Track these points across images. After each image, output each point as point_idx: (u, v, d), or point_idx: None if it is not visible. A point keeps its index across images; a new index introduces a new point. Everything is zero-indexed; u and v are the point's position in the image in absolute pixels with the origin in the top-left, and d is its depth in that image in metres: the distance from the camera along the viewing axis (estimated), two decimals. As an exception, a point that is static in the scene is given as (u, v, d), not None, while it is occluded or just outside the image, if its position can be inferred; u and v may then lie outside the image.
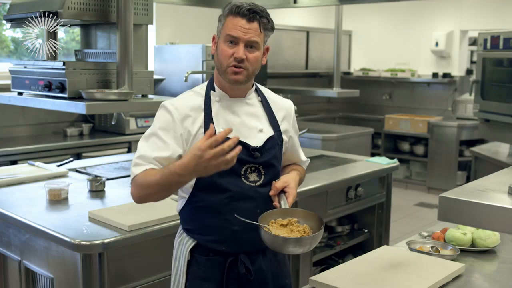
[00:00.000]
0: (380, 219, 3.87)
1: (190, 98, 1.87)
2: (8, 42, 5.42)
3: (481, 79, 4.99)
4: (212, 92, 1.87)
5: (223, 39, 1.80)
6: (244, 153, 1.79)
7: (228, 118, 1.85)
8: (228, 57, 1.78)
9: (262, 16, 1.79)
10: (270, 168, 1.87)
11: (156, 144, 1.79)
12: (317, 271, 3.49)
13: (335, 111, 8.55)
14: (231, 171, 1.76)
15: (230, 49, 1.78)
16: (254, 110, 1.90)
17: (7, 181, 2.98)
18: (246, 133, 1.84)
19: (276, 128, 1.91)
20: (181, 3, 5.21)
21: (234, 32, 1.76)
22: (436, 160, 7.25)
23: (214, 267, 1.85)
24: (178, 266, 1.90)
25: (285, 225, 1.75)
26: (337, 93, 6.07)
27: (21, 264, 2.50)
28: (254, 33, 1.78)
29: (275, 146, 1.89)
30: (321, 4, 5.34)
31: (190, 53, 5.58)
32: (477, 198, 1.39)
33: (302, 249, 1.70)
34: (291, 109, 2.00)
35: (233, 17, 1.78)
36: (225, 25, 1.79)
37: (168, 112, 1.81)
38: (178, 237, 1.95)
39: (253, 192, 1.83)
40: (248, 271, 1.84)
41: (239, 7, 1.77)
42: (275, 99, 1.99)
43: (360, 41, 8.54)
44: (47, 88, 2.96)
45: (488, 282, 2.06)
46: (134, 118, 5.14)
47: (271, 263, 1.92)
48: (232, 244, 1.83)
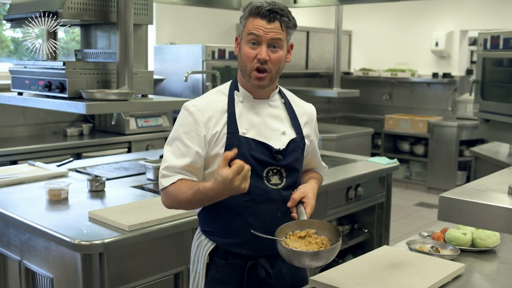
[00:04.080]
0: (380, 219, 3.87)
1: (213, 97, 1.85)
2: (8, 42, 5.42)
3: (481, 79, 4.99)
4: (236, 92, 1.86)
5: (245, 40, 1.78)
6: (266, 155, 1.79)
7: (251, 119, 1.83)
8: (251, 59, 1.76)
9: (283, 15, 1.77)
10: (292, 171, 1.85)
11: (180, 150, 1.78)
12: (317, 271, 3.49)
13: (335, 111, 8.55)
14: (253, 173, 1.73)
15: (253, 50, 1.76)
16: (277, 112, 1.89)
17: (7, 181, 2.98)
18: (268, 135, 1.83)
19: (298, 131, 1.89)
20: (181, 3, 5.22)
21: (256, 31, 1.75)
22: (436, 160, 7.25)
23: (234, 270, 1.83)
24: (197, 269, 1.88)
25: (303, 237, 1.73)
26: (337, 93, 6.07)
27: (21, 264, 2.50)
28: (277, 32, 1.76)
29: (297, 149, 1.87)
30: (321, 4, 5.35)
31: (190, 53, 5.59)
32: (477, 198, 1.38)
33: (320, 262, 1.68)
34: (314, 114, 2.00)
35: (253, 18, 1.76)
36: (246, 26, 1.78)
37: (190, 114, 1.79)
38: (196, 239, 1.93)
39: (275, 195, 1.81)
40: (268, 274, 1.82)
41: (259, 8, 1.75)
42: (299, 103, 1.97)
43: (360, 41, 8.54)
44: (47, 88, 2.96)
45: (488, 282, 2.06)
46: (134, 118, 5.14)
47: (290, 267, 1.89)
48: (252, 248, 1.81)
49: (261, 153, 1.79)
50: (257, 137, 1.80)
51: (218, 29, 6.77)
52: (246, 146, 1.77)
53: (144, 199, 2.68)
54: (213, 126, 1.78)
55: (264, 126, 1.84)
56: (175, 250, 2.43)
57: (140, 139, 5.13)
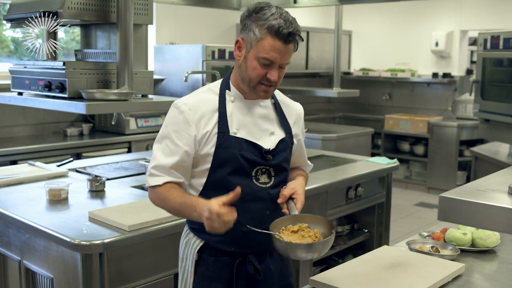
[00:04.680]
0: (380, 219, 3.87)
1: (203, 96, 1.86)
2: (8, 42, 5.42)
3: (481, 79, 4.99)
4: (227, 91, 1.86)
5: (256, 56, 1.75)
6: (256, 155, 1.81)
7: (242, 119, 1.84)
8: (260, 76, 1.77)
9: (299, 36, 1.76)
10: (280, 170, 1.87)
11: (169, 148, 1.80)
12: (317, 271, 3.49)
13: (335, 111, 8.55)
14: (242, 172, 1.78)
15: (263, 69, 1.76)
16: (267, 112, 1.91)
17: (7, 181, 2.98)
18: (258, 135, 1.85)
19: (287, 131, 1.92)
20: (181, 3, 5.22)
21: (272, 56, 1.73)
22: (436, 160, 7.25)
23: (223, 267, 1.85)
24: (186, 266, 1.90)
25: (296, 231, 1.76)
26: (337, 93, 6.07)
27: (21, 264, 2.50)
28: (289, 55, 1.76)
29: (286, 148, 1.90)
30: (321, 4, 5.34)
31: (190, 53, 5.58)
32: (477, 198, 1.39)
33: (314, 254, 1.71)
34: (301, 113, 2.02)
35: (271, 38, 1.72)
36: (262, 44, 1.73)
37: (180, 112, 1.80)
38: (184, 237, 1.94)
39: (264, 193, 1.83)
40: (256, 271, 1.84)
41: (279, 28, 1.70)
42: (287, 102, 2.00)
43: (360, 41, 8.54)
44: (47, 88, 2.96)
45: (488, 282, 2.06)
46: (134, 118, 5.14)
47: (277, 262, 1.93)
48: (241, 245, 1.83)
49: (251, 152, 1.81)
50: (247, 137, 1.82)
51: (218, 29, 6.77)
52: (237, 146, 1.80)
53: (144, 199, 2.68)
54: (204, 125, 1.79)
55: (254, 126, 1.86)
56: (175, 250, 2.42)
57: (140, 139, 5.13)
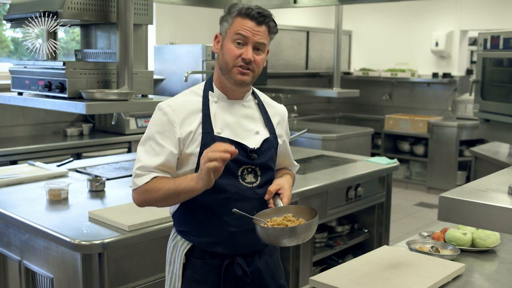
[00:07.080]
0: (380, 219, 3.87)
1: (187, 98, 1.87)
2: (8, 42, 5.42)
3: (481, 79, 4.99)
4: (210, 92, 1.88)
5: (230, 38, 1.80)
6: (241, 154, 1.80)
7: (226, 119, 1.85)
8: (235, 57, 1.79)
9: (270, 20, 1.81)
10: (266, 170, 1.88)
11: (153, 149, 1.80)
12: (317, 271, 3.49)
13: (335, 111, 8.55)
14: (228, 172, 1.77)
15: (238, 49, 1.78)
16: (251, 112, 1.92)
17: (7, 181, 2.98)
18: (243, 135, 1.86)
19: (271, 131, 1.93)
20: (181, 3, 5.21)
21: (244, 32, 1.77)
22: (436, 160, 7.25)
23: (210, 270, 1.84)
24: (173, 269, 1.89)
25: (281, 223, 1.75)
26: (337, 93, 6.06)
27: (21, 264, 2.50)
28: (263, 36, 1.80)
29: (271, 148, 1.91)
30: (321, 4, 5.34)
31: (190, 53, 5.58)
32: (477, 198, 1.39)
33: (298, 239, 1.67)
34: (285, 115, 2.04)
35: (242, 19, 1.79)
36: (233, 25, 1.80)
37: (164, 114, 1.81)
38: (172, 240, 1.94)
39: (250, 193, 1.83)
40: (244, 273, 1.84)
41: (249, 9, 1.78)
42: (271, 103, 2.01)
43: (360, 41, 8.54)
44: (47, 88, 2.96)
45: (488, 282, 2.06)
46: (134, 118, 5.14)
47: (267, 264, 1.92)
48: (228, 246, 1.83)
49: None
50: (232, 137, 1.83)
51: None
52: None
53: (144, 199, 2.68)
54: (188, 125, 1.80)
55: (238, 126, 1.86)
56: (175, 250, 2.43)
57: (140, 139, 5.12)
